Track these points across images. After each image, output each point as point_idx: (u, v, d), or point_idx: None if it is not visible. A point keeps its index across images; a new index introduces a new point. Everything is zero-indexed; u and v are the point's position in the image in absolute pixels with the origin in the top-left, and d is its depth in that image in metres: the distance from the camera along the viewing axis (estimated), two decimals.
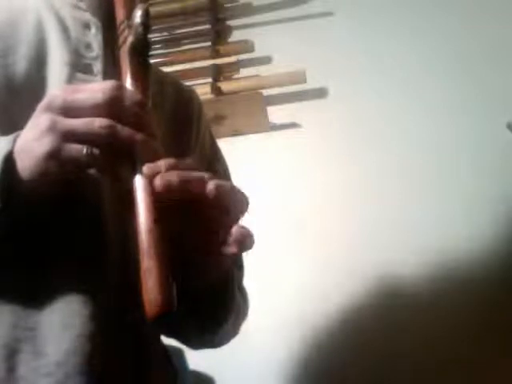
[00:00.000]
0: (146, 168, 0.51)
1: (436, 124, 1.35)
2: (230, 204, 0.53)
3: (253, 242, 0.54)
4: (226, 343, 0.78)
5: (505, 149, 1.30)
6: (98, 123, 0.49)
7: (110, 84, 0.52)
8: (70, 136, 0.50)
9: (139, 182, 0.52)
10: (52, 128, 0.49)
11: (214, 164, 0.83)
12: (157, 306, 0.49)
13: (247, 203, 0.55)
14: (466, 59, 1.37)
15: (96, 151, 0.50)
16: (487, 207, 1.28)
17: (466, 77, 1.36)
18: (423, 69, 1.39)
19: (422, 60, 1.39)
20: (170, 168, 0.51)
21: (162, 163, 0.51)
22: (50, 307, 0.57)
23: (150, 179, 0.51)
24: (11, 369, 0.55)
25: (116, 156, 0.51)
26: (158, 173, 0.51)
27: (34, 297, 0.57)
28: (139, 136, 0.51)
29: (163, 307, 0.49)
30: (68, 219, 0.60)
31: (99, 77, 0.65)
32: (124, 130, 0.50)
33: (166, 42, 1.54)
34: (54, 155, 0.50)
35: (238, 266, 0.79)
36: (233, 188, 0.54)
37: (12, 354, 0.55)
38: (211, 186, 0.51)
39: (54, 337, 0.56)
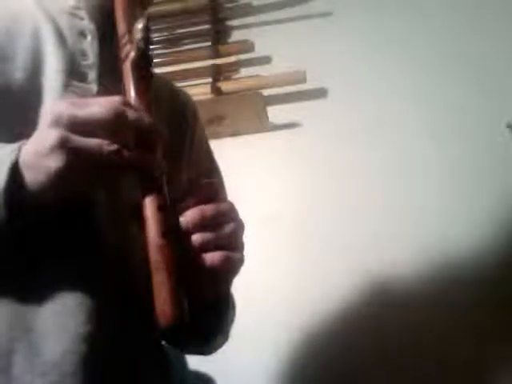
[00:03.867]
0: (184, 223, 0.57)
1: (436, 124, 1.35)
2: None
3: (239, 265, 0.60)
4: (217, 350, 0.79)
5: (505, 149, 1.30)
6: (106, 147, 0.51)
7: (115, 101, 0.53)
8: (80, 154, 0.51)
9: (147, 198, 0.55)
10: (62, 145, 0.50)
11: (211, 173, 0.83)
12: (170, 319, 0.51)
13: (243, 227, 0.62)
14: (467, 59, 1.37)
15: (105, 171, 0.53)
16: (487, 207, 1.28)
17: (466, 77, 1.36)
18: (423, 69, 1.39)
19: (422, 60, 1.39)
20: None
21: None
22: (46, 308, 0.57)
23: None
24: (7, 368, 0.55)
25: (122, 172, 0.54)
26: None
27: (31, 298, 0.57)
28: (145, 156, 0.54)
29: (176, 320, 0.51)
30: (67, 222, 0.60)
31: (93, 84, 0.65)
32: (131, 154, 0.52)
33: (166, 42, 1.55)
34: (65, 172, 0.51)
35: None
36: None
37: (8, 353, 0.55)
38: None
39: (51, 337, 0.56)
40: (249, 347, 1.23)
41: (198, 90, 1.38)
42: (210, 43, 1.52)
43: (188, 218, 0.56)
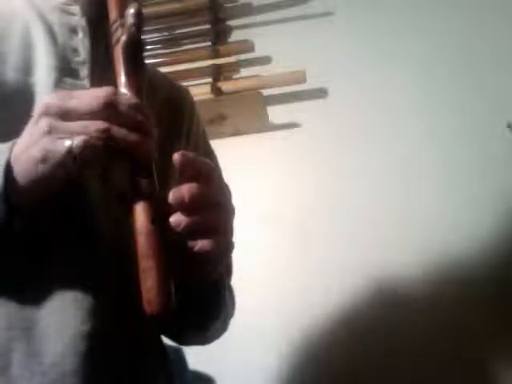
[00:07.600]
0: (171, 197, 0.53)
1: (437, 124, 1.35)
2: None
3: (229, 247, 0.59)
4: (215, 340, 0.79)
5: (505, 148, 1.30)
6: (93, 127, 0.50)
7: (103, 91, 0.52)
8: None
9: (136, 184, 0.53)
10: (50, 132, 0.50)
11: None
12: (156, 306, 0.50)
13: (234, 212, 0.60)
14: (467, 59, 1.37)
15: (94, 155, 0.50)
16: (488, 207, 1.28)
17: (467, 77, 1.36)
18: (424, 69, 1.39)
19: (422, 60, 1.39)
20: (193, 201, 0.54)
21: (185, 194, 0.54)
22: (45, 307, 0.57)
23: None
24: (5, 367, 0.55)
25: (111, 157, 0.52)
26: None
27: (30, 297, 0.57)
28: (134, 137, 0.52)
29: (162, 307, 0.50)
30: (64, 221, 0.60)
31: (86, 81, 0.65)
32: (119, 133, 0.51)
33: (166, 42, 1.55)
34: (47, 158, 0.50)
35: (226, 267, 0.79)
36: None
37: (7, 352, 0.55)
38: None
39: (50, 337, 0.56)
40: (249, 347, 1.23)
41: (198, 90, 1.38)
42: (210, 43, 1.52)
43: (176, 194, 0.54)
